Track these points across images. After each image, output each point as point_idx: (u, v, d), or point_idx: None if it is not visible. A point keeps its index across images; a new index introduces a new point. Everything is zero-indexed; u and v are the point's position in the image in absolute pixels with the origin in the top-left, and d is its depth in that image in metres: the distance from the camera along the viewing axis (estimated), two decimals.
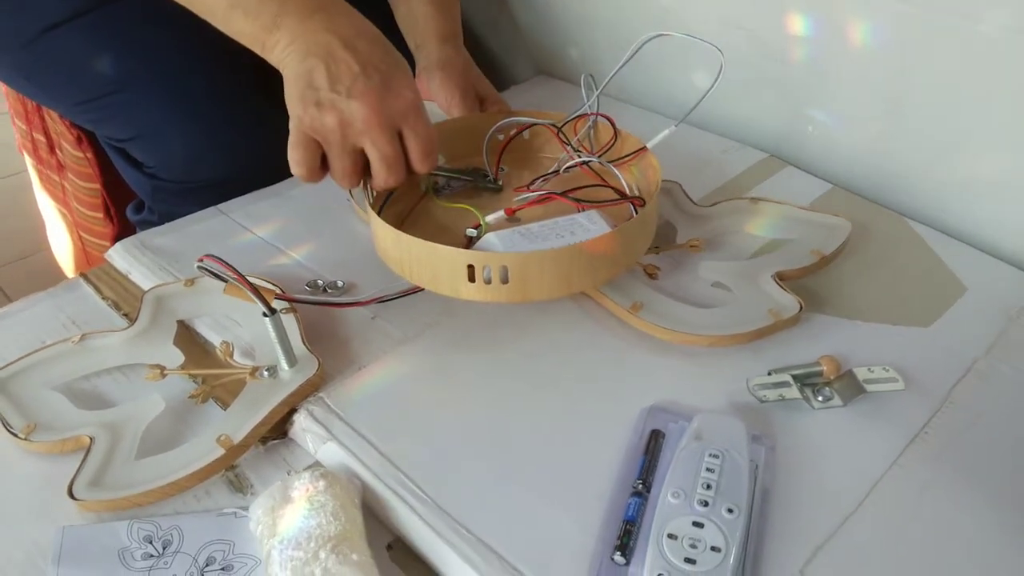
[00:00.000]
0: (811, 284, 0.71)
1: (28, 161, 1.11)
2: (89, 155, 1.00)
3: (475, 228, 0.67)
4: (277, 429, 0.57)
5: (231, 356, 0.60)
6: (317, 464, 0.55)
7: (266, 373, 0.58)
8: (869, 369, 0.61)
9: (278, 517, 0.49)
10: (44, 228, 1.17)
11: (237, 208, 0.80)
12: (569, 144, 0.74)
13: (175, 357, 0.61)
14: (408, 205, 0.72)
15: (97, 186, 1.02)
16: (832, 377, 0.60)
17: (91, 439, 0.54)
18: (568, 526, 0.50)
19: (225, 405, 0.58)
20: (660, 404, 0.58)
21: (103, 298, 0.69)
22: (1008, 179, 0.77)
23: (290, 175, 0.80)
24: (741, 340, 0.63)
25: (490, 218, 0.67)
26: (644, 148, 0.70)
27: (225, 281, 0.58)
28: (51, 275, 0.72)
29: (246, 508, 0.51)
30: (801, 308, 0.64)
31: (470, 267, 0.58)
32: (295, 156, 0.63)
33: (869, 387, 0.59)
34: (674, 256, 0.72)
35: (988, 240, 0.78)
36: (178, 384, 0.60)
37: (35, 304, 0.68)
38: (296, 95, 0.61)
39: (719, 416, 0.55)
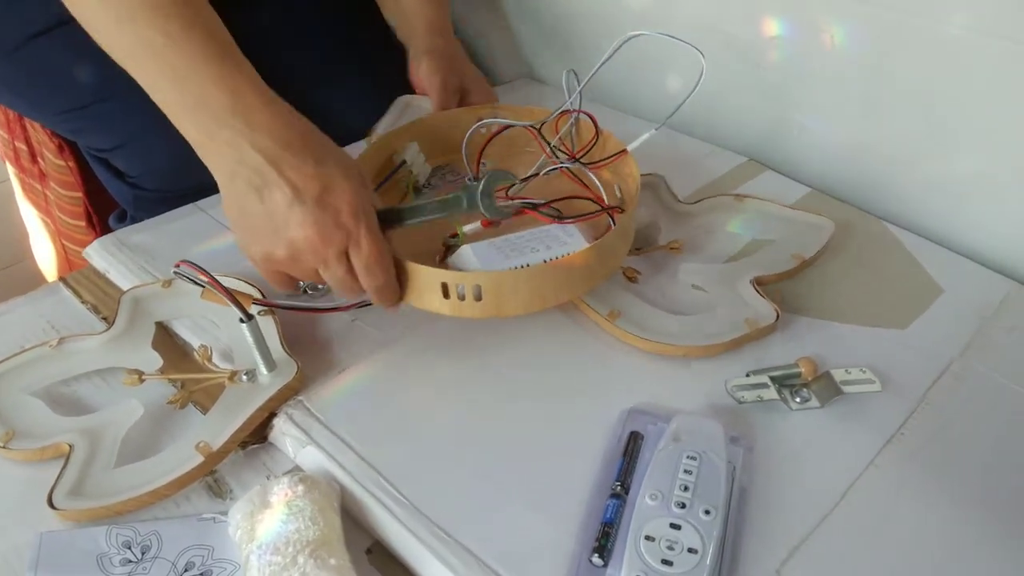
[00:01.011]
0: (790, 286, 0.71)
1: (10, 170, 1.10)
2: (71, 164, 1.00)
3: (454, 237, 0.67)
4: (257, 433, 0.57)
5: (209, 360, 0.60)
6: (297, 468, 0.55)
7: (245, 377, 0.58)
8: (846, 370, 0.61)
9: (257, 522, 0.49)
10: (27, 237, 1.17)
11: (216, 205, 0.79)
12: (549, 145, 0.73)
13: (153, 360, 0.61)
14: (391, 203, 0.72)
15: (79, 195, 1.02)
16: (810, 378, 0.60)
17: (70, 447, 0.54)
18: (547, 528, 0.50)
19: (204, 409, 0.58)
20: (639, 406, 0.58)
21: (82, 302, 0.69)
22: (980, 181, 0.77)
23: None
24: (716, 351, 0.63)
25: (467, 228, 0.66)
26: (625, 151, 0.70)
27: (202, 286, 0.58)
28: (34, 284, 0.72)
29: (225, 513, 0.51)
30: (778, 317, 0.65)
31: (444, 285, 0.58)
32: (272, 284, 0.61)
33: (846, 388, 0.60)
34: (655, 258, 0.73)
35: (964, 242, 0.78)
36: (157, 388, 0.60)
37: (14, 309, 0.68)
38: (236, 224, 0.58)
39: (697, 418, 0.55)
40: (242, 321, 0.57)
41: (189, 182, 0.86)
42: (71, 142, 0.97)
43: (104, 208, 1.01)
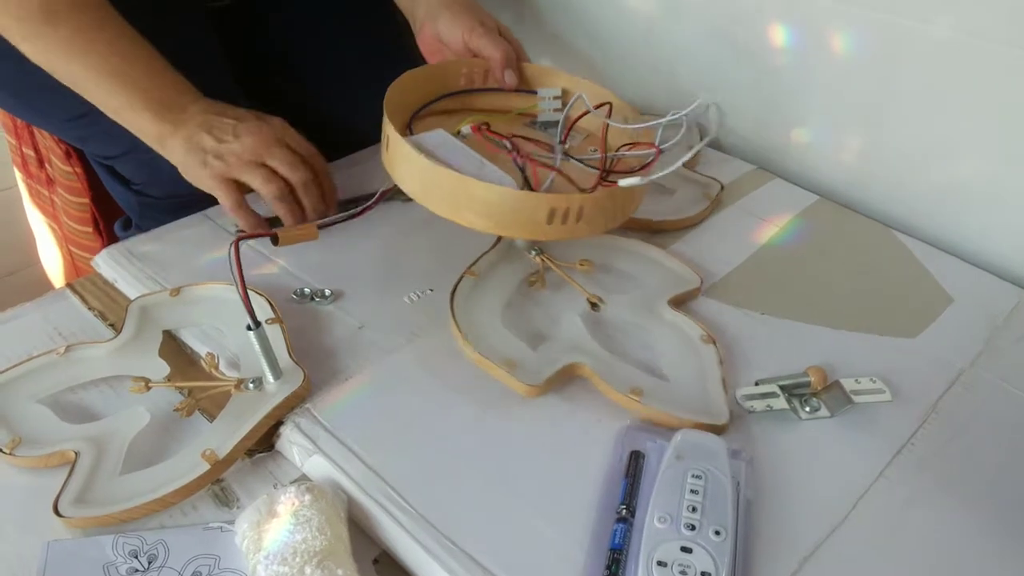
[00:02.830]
0: (797, 293, 0.71)
1: (18, 176, 1.11)
2: (78, 170, 1.00)
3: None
4: (264, 442, 0.57)
5: (216, 368, 0.60)
6: (304, 477, 0.55)
7: (251, 385, 0.58)
8: (856, 380, 0.61)
9: (263, 532, 0.48)
10: (34, 243, 1.17)
11: (224, 214, 0.79)
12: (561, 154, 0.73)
13: (160, 368, 0.61)
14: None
15: (86, 200, 1.02)
16: (819, 388, 0.60)
17: (76, 454, 0.54)
18: (555, 539, 0.50)
19: (211, 417, 0.58)
20: (636, 423, 0.57)
21: (89, 308, 0.69)
22: (990, 188, 0.77)
23: None
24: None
25: (463, 129, 0.73)
26: (611, 185, 0.68)
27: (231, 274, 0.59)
28: (42, 289, 0.72)
29: (232, 522, 0.51)
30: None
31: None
32: (223, 199, 0.73)
33: (856, 398, 0.59)
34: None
35: (974, 250, 0.78)
36: (163, 396, 0.60)
37: (21, 315, 0.68)
38: (193, 164, 0.72)
39: (698, 433, 0.55)
40: (249, 329, 0.56)
41: (193, 188, 0.86)
42: (78, 148, 0.97)
43: (111, 214, 1.01)
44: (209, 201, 0.81)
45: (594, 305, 0.67)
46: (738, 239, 0.78)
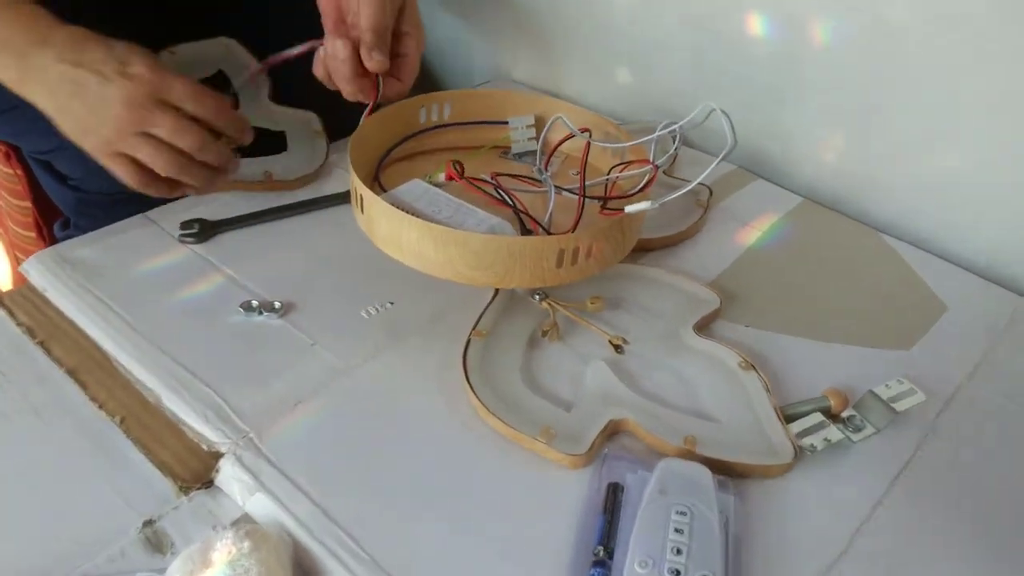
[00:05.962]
0: (784, 305, 0.66)
1: None
2: (19, 172, 0.95)
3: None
4: (201, 478, 0.51)
5: None
6: (246, 517, 0.50)
7: None
8: (886, 386, 0.57)
9: None
10: None
11: (168, 216, 0.73)
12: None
13: None
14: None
15: (28, 204, 0.97)
16: (839, 411, 0.55)
17: None
18: None
19: None
20: (616, 451, 0.53)
21: (17, 324, 0.63)
22: (978, 183, 0.74)
23: None
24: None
25: (439, 177, 0.67)
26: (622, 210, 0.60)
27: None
28: None
29: (163, 571, 0.45)
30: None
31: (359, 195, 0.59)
32: (132, 183, 0.65)
33: (897, 406, 0.55)
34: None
35: (967, 254, 0.75)
36: None
37: None
38: (79, 136, 0.63)
39: (681, 463, 0.50)
40: None
41: None
42: (17, 149, 0.92)
43: (54, 218, 0.95)
44: (150, 197, 0.75)
45: (617, 347, 0.61)
46: (718, 245, 0.74)
